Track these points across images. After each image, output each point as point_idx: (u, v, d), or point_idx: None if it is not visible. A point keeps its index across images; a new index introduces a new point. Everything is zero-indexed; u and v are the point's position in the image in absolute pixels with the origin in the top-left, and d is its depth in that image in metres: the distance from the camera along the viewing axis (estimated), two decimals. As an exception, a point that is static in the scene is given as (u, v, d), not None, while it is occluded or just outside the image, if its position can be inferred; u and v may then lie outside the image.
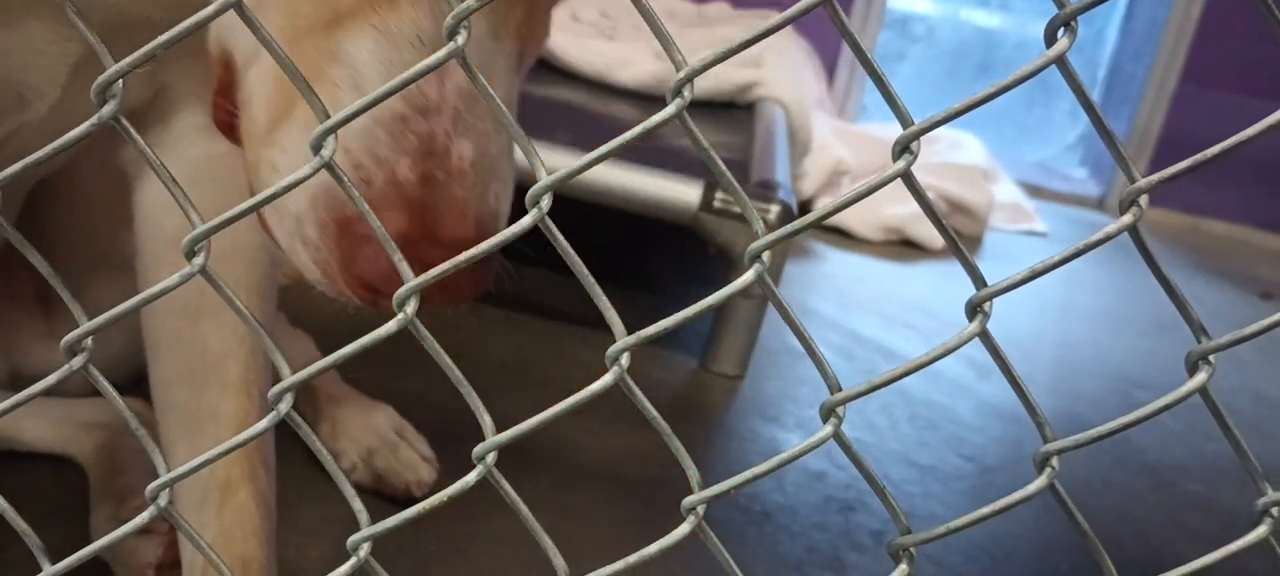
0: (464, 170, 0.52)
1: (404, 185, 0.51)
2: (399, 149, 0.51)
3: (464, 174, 0.52)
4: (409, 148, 0.51)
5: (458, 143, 0.52)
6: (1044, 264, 0.41)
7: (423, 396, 1.33)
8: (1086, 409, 1.98)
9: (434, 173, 0.51)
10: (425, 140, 0.51)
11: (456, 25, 0.42)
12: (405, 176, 0.51)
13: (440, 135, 0.51)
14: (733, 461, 1.51)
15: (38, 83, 0.75)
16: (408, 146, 0.51)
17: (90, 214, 1.05)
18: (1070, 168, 4.10)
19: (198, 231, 0.47)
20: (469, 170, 0.52)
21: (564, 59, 2.46)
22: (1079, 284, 2.67)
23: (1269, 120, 0.39)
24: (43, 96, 0.76)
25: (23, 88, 0.75)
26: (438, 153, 0.51)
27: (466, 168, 0.52)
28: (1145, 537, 1.53)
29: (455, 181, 0.52)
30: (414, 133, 0.51)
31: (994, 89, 0.39)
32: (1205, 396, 0.43)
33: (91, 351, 0.51)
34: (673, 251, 2.19)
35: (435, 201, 0.51)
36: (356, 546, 0.51)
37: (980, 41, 4.39)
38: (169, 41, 0.45)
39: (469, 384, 0.47)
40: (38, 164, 0.48)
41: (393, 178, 0.51)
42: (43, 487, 1.14)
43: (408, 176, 0.51)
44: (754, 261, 0.43)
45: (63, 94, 0.76)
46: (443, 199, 0.51)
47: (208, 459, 0.52)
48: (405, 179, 0.51)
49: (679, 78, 0.41)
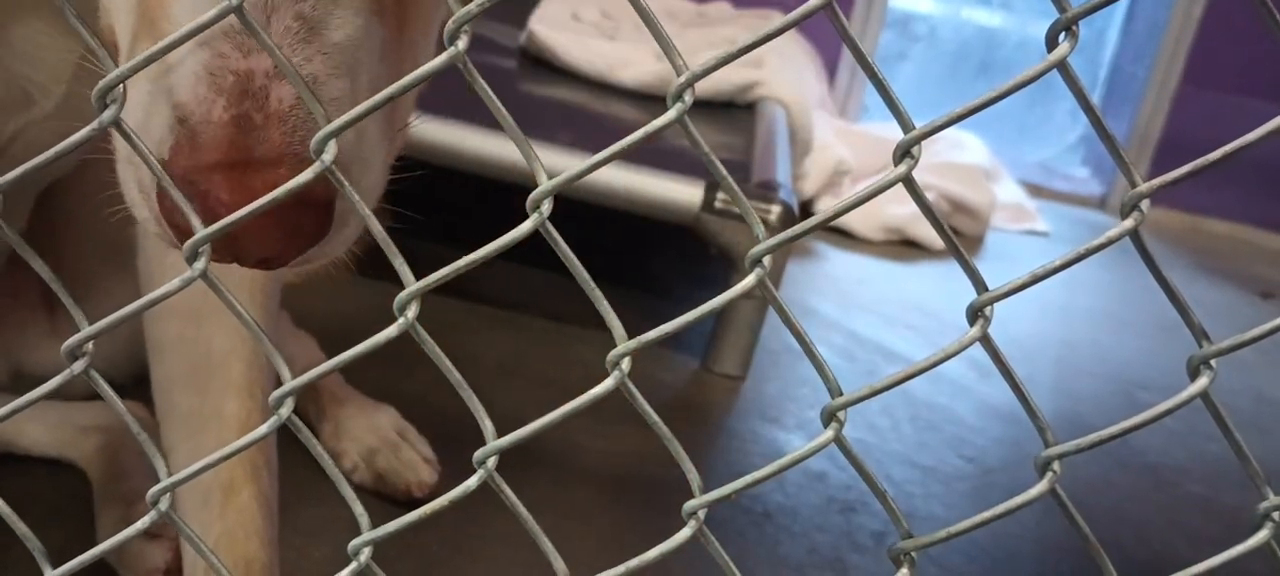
0: (283, 112, 0.49)
1: (216, 126, 0.49)
2: (216, 88, 0.49)
3: (283, 116, 0.49)
4: (225, 87, 0.49)
5: (278, 84, 0.49)
6: (1045, 268, 0.41)
7: (425, 397, 1.34)
8: (1088, 410, 1.98)
9: (251, 114, 0.49)
10: (243, 78, 0.49)
11: (457, 29, 0.42)
12: (218, 116, 0.49)
13: (259, 75, 0.49)
14: (734, 462, 1.51)
15: (42, 79, 0.75)
16: (224, 86, 0.49)
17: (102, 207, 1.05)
18: (1072, 167, 4.10)
19: (200, 234, 0.47)
20: (288, 113, 0.49)
21: (565, 59, 2.46)
22: (1081, 285, 2.67)
23: (1269, 126, 0.39)
24: (47, 94, 0.76)
25: (28, 84, 0.75)
26: (255, 93, 0.49)
27: (285, 111, 0.50)
28: (1146, 539, 1.53)
29: (274, 124, 0.49)
30: (232, 71, 0.49)
31: (994, 94, 0.39)
32: (1207, 401, 0.43)
33: (93, 355, 0.51)
34: (674, 252, 2.19)
35: (253, 145, 0.49)
36: (357, 550, 0.51)
37: (982, 41, 4.39)
38: (170, 45, 0.45)
39: (470, 385, 0.47)
40: (42, 167, 0.48)
41: (207, 118, 0.49)
42: (42, 491, 1.14)
43: (221, 116, 0.49)
44: (755, 265, 0.43)
45: (67, 90, 0.76)
46: (261, 143, 0.49)
47: (210, 463, 0.52)
48: (218, 119, 0.49)
49: (679, 82, 0.41)
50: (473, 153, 1.70)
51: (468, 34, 0.42)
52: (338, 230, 0.53)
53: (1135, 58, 3.87)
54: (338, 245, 0.54)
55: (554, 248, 0.45)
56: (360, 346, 0.47)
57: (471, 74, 0.43)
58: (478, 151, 1.70)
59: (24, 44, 0.73)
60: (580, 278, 0.45)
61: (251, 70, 0.49)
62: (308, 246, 0.52)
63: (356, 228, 0.54)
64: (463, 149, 1.70)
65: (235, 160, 0.48)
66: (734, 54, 0.40)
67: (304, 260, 0.53)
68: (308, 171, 0.44)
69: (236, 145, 0.49)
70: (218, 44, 0.49)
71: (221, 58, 0.49)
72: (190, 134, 0.49)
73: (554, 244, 0.44)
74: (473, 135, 1.70)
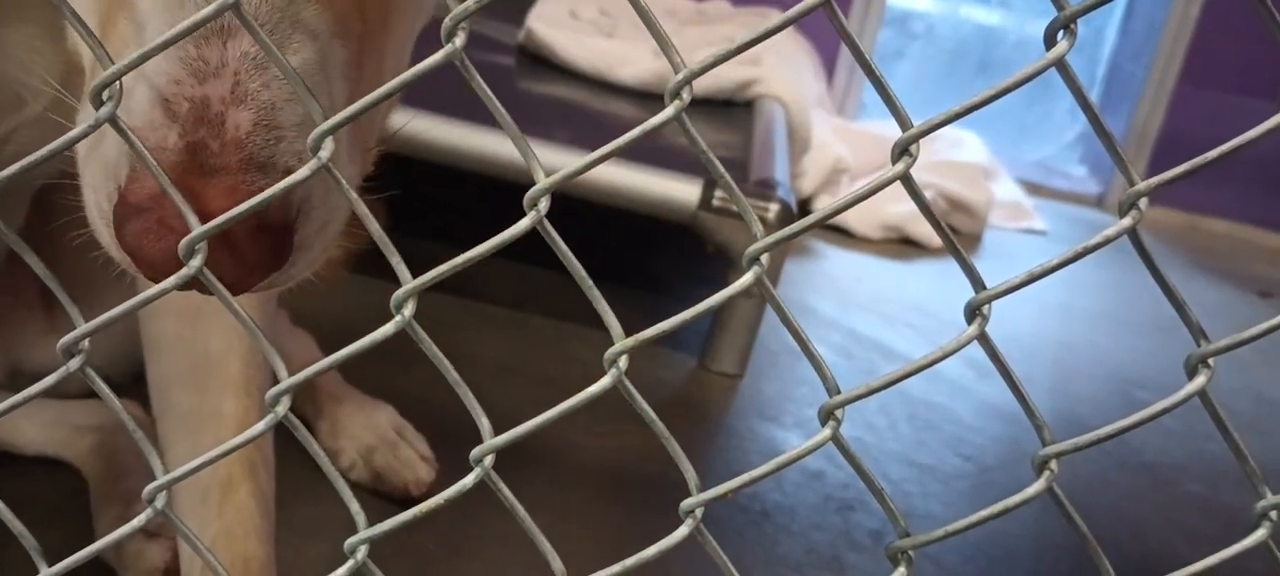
0: (240, 139, 0.49)
1: (170, 152, 0.48)
2: (170, 115, 0.48)
3: (240, 143, 0.49)
4: (180, 114, 0.48)
5: (234, 111, 0.49)
6: (1043, 267, 0.41)
7: (422, 395, 1.34)
8: (1086, 409, 1.98)
9: (207, 142, 0.48)
10: (198, 106, 0.48)
11: (455, 26, 0.42)
12: (173, 143, 0.48)
13: (215, 101, 0.49)
14: (732, 460, 1.51)
15: (34, 82, 0.75)
16: (178, 112, 0.48)
17: None
18: (1070, 166, 4.10)
19: (196, 233, 0.46)
20: (246, 140, 0.49)
21: (563, 56, 2.46)
22: (1079, 284, 2.67)
23: (1267, 124, 0.39)
24: (39, 96, 0.76)
25: (19, 86, 0.75)
26: (210, 121, 0.48)
27: (242, 138, 0.49)
28: (1144, 538, 1.53)
29: (232, 151, 0.48)
30: (187, 99, 0.48)
31: (992, 92, 0.39)
32: (1205, 400, 0.43)
33: (89, 353, 0.51)
34: (672, 250, 2.19)
35: (208, 172, 0.48)
36: (354, 548, 0.51)
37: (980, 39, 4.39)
38: (168, 42, 0.45)
39: (468, 383, 0.47)
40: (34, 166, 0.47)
41: (162, 145, 0.48)
42: (39, 490, 1.14)
43: (176, 143, 0.48)
44: (753, 264, 0.43)
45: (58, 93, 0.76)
46: (214, 171, 0.48)
47: (206, 460, 0.52)
48: (173, 147, 0.48)
49: (677, 80, 0.41)
50: (470, 150, 1.70)
51: (465, 31, 0.42)
52: (300, 253, 0.52)
53: (1134, 56, 3.87)
54: (301, 269, 0.54)
55: (551, 245, 0.45)
56: (357, 344, 0.47)
57: (469, 71, 0.43)
58: (475, 149, 1.70)
59: (15, 46, 0.73)
60: (577, 276, 0.44)
61: (207, 96, 0.49)
62: (269, 271, 0.51)
63: (320, 251, 0.54)
64: (460, 146, 1.70)
65: (216, 212, 0.47)
66: (732, 51, 0.40)
67: (268, 284, 0.52)
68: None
69: (191, 172, 0.48)
70: (173, 70, 0.48)
71: (176, 84, 0.49)
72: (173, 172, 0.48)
73: (551, 242, 0.44)
74: (470, 133, 1.70)
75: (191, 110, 0.48)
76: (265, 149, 0.49)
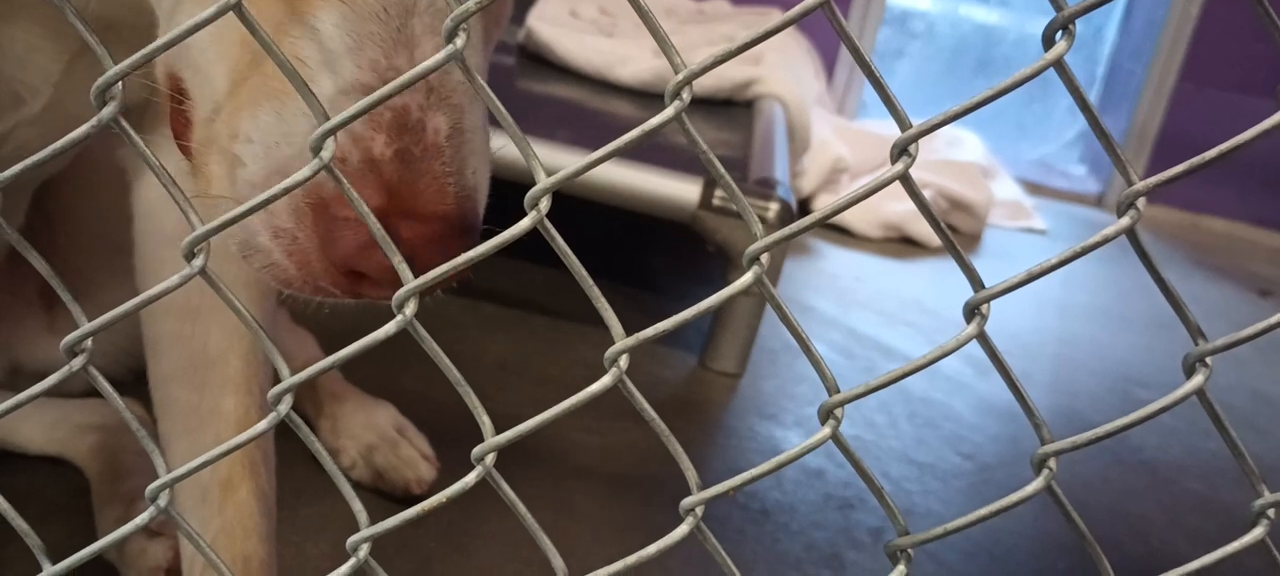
0: (439, 144, 0.51)
1: (380, 162, 0.50)
2: (373, 125, 0.50)
3: (440, 148, 0.51)
4: (383, 123, 0.50)
5: (432, 116, 0.51)
6: (1041, 266, 0.42)
7: (423, 393, 1.34)
8: (1086, 406, 1.98)
9: (410, 148, 0.51)
10: (399, 115, 0.50)
11: (455, 28, 0.42)
12: (381, 153, 0.50)
13: (414, 110, 0.51)
14: (731, 459, 1.51)
15: (32, 80, 0.75)
16: (382, 122, 0.50)
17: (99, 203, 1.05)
18: (1069, 165, 4.10)
19: (198, 232, 0.47)
20: (445, 144, 0.51)
21: (563, 56, 2.46)
22: (1078, 282, 2.67)
23: (1267, 123, 0.39)
24: (37, 94, 0.76)
25: (17, 85, 0.75)
26: (412, 127, 0.51)
27: (442, 142, 0.51)
28: (1143, 535, 1.53)
29: (432, 156, 0.51)
30: (388, 108, 0.50)
31: (991, 93, 0.39)
32: (1202, 398, 0.43)
33: (92, 352, 0.51)
34: (673, 249, 2.19)
35: (413, 177, 0.50)
36: (356, 547, 0.51)
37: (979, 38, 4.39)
38: (169, 43, 0.45)
39: (469, 382, 0.48)
40: (38, 165, 0.48)
41: (369, 155, 0.50)
42: (42, 487, 1.14)
43: (383, 153, 0.50)
44: (753, 263, 0.43)
45: (56, 91, 0.76)
46: (420, 174, 0.51)
47: (208, 459, 0.52)
48: (381, 156, 0.50)
49: (677, 80, 0.41)
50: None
51: (466, 32, 0.42)
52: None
53: (1133, 55, 3.87)
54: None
55: (552, 245, 0.45)
56: (359, 343, 0.47)
57: (470, 72, 0.43)
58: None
59: (14, 45, 0.73)
60: (578, 275, 0.45)
61: (406, 104, 0.51)
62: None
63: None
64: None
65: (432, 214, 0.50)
66: (732, 51, 0.41)
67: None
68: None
69: (403, 180, 0.50)
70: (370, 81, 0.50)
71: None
72: (356, 172, 0.50)
73: (552, 241, 0.45)
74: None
75: (394, 118, 0.50)
76: (460, 150, 0.51)
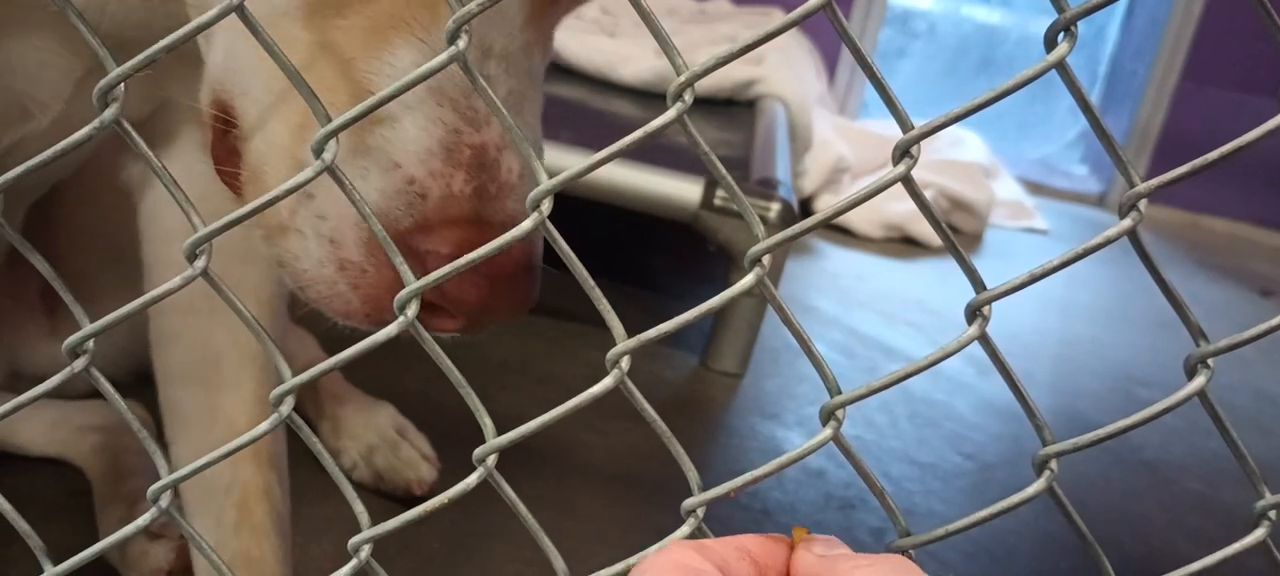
0: (513, 183, 0.52)
1: (459, 199, 0.50)
2: (453, 162, 0.50)
3: (513, 187, 0.52)
4: (463, 161, 0.50)
5: (506, 155, 0.51)
6: (1043, 267, 0.41)
7: (424, 394, 1.34)
8: (1088, 406, 1.98)
9: (487, 186, 0.51)
10: (478, 153, 0.51)
11: (457, 29, 0.42)
12: (460, 190, 0.50)
13: (491, 148, 0.51)
14: (733, 459, 1.51)
15: (42, 96, 0.74)
16: (462, 159, 0.50)
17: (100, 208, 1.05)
18: (1071, 165, 4.10)
19: (200, 234, 0.47)
20: (517, 182, 0.52)
21: (565, 56, 2.46)
22: (1080, 282, 2.67)
23: (1269, 124, 0.39)
24: (46, 109, 0.75)
25: (27, 100, 0.75)
26: (489, 166, 0.51)
27: (515, 181, 0.52)
28: (1145, 536, 1.53)
29: (506, 194, 0.51)
30: (468, 145, 0.50)
31: (992, 94, 0.39)
32: (1204, 400, 0.43)
33: (93, 354, 0.51)
34: (674, 249, 2.19)
35: (490, 215, 0.51)
36: (358, 547, 0.51)
37: (981, 38, 4.39)
38: (172, 44, 0.45)
39: (470, 383, 0.48)
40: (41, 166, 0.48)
41: (449, 192, 0.50)
42: (44, 488, 1.14)
43: (463, 190, 0.50)
44: (754, 263, 0.43)
45: (66, 107, 0.75)
46: (497, 212, 0.51)
47: (211, 460, 0.52)
48: (460, 192, 0.50)
49: (679, 82, 0.41)
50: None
51: (468, 33, 0.42)
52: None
53: (1135, 54, 3.87)
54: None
55: (553, 246, 0.45)
56: (360, 344, 0.47)
57: (472, 73, 0.43)
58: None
59: (24, 60, 0.73)
60: (579, 276, 0.45)
61: (484, 143, 0.51)
62: (528, 305, 0.55)
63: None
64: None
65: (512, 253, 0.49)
66: (734, 53, 0.40)
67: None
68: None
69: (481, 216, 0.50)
70: (450, 118, 0.50)
71: (456, 133, 0.50)
72: (436, 206, 0.50)
73: (553, 242, 0.45)
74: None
75: (473, 156, 0.51)
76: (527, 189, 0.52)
